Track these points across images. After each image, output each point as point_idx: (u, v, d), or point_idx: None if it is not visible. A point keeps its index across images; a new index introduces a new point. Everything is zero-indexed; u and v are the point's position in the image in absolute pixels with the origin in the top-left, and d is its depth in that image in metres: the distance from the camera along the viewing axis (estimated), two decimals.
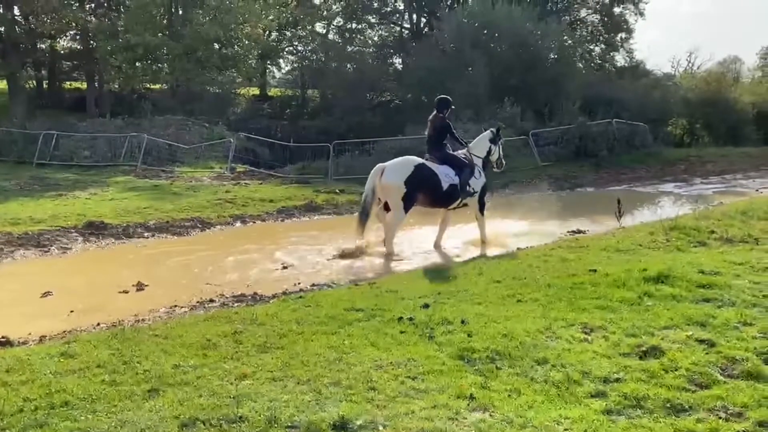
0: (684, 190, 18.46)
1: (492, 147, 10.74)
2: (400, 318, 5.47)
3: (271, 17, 29.58)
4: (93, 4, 28.97)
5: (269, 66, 35.73)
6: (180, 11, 27.79)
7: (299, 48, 35.26)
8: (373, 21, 38.08)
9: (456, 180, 9.84)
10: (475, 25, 28.00)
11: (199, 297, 7.36)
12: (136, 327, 5.77)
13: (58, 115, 26.24)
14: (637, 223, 10.88)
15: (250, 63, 29.68)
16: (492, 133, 10.82)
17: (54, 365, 4.57)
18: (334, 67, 31.92)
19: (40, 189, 15.93)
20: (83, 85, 31.39)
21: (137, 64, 27.54)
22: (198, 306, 7.00)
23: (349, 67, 32.31)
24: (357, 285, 7.34)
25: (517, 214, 12.81)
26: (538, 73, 26.26)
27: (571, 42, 31.14)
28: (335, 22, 37.44)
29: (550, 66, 27.81)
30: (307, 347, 4.83)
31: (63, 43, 30.34)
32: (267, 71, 36.06)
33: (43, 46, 29.67)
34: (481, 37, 27.55)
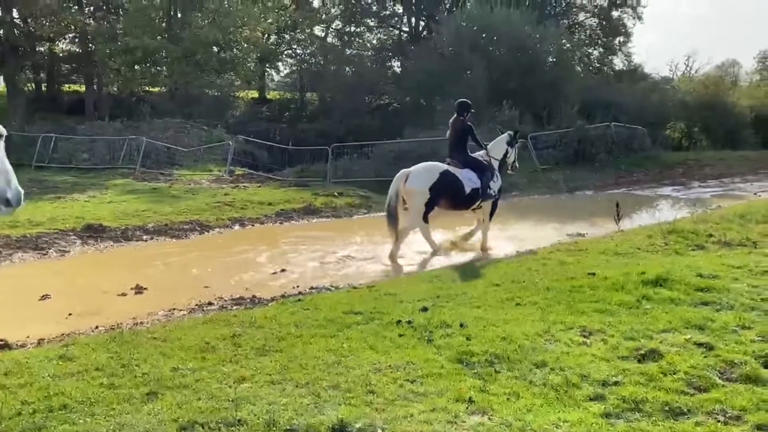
0: (682, 194, 18.49)
1: (509, 150, 10.87)
2: (398, 321, 5.47)
3: (270, 20, 29.64)
4: (92, 7, 29.01)
5: (268, 69, 35.78)
6: (179, 14, 27.84)
7: (298, 51, 35.32)
8: (372, 24, 38.15)
9: (478, 183, 9.99)
10: (473, 28, 28.06)
11: (198, 300, 7.35)
12: (135, 330, 5.77)
13: (56, 118, 26.28)
14: (635, 227, 10.90)
15: (248, 66, 29.71)
16: (509, 136, 10.95)
17: (52, 368, 4.56)
18: (333, 71, 31.97)
19: (39, 192, 15.91)
20: (82, 88, 31.41)
21: (136, 67, 27.55)
22: (196, 309, 6.99)
23: (347, 70, 32.37)
24: (356, 288, 7.34)
25: (515, 217, 12.82)
26: (537, 76, 26.32)
27: (569, 46, 31.24)
28: (334, 26, 37.54)
29: (549, 69, 27.88)
30: (306, 350, 4.83)
31: (62, 46, 30.38)
32: (266, 74, 36.09)
33: (41, 49, 29.69)
34: (480, 40, 27.61)
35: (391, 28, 38.84)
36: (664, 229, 9.46)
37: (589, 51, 37.75)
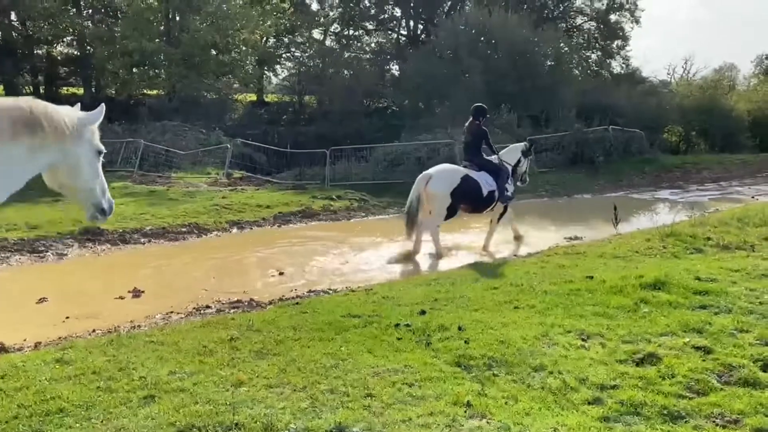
0: (680, 197, 18.51)
1: (522, 159, 11.07)
2: (397, 324, 5.46)
3: (269, 23, 29.65)
4: (90, 10, 29.00)
5: (266, 72, 35.78)
6: (177, 17, 27.83)
7: (296, 54, 35.36)
8: (371, 28, 38.23)
9: (494, 186, 10.24)
10: (471, 32, 28.13)
11: (196, 303, 7.34)
12: (132, 333, 5.75)
13: None
14: (633, 230, 10.91)
15: (247, 69, 29.72)
16: (525, 146, 11.17)
17: (49, 372, 4.55)
18: (331, 74, 32.01)
19: (36, 194, 15.85)
20: (80, 91, 31.35)
21: (134, 70, 27.57)
22: (194, 312, 6.98)
23: (346, 73, 32.42)
24: (354, 291, 7.33)
25: (513, 220, 12.80)
26: (535, 79, 26.38)
27: (567, 49, 31.30)
28: (332, 29, 37.57)
29: (547, 73, 27.95)
30: (304, 354, 4.82)
31: (60, 48, 30.34)
32: (264, 77, 36.10)
33: (39, 51, 29.66)
34: (478, 44, 27.68)
35: (389, 32, 38.91)
36: (662, 233, 9.47)
37: (587, 54, 37.87)
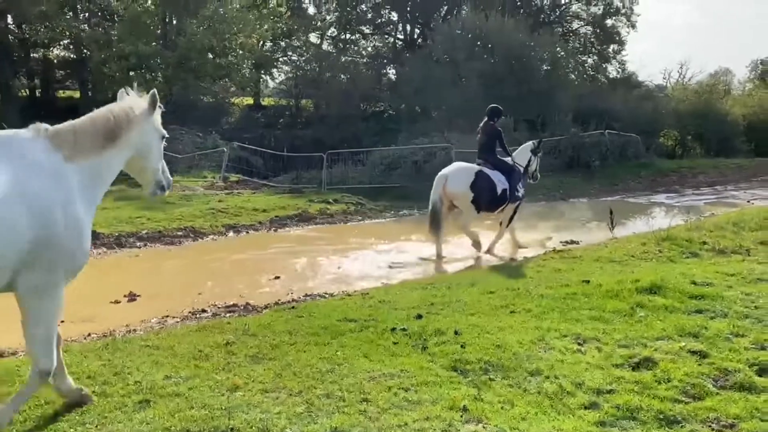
0: (676, 201, 18.56)
1: (532, 157, 11.19)
2: (393, 329, 5.46)
3: (266, 27, 29.65)
4: (86, 14, 28.94)
5: (263, 76, 35.77)
6: (174, 21, 27.82)
7: (293, 58, 35.33)
8: (367, 32, 38.28)
9: (507, 185, 10.40)
10: (468, 36, 28.19)
11: (191, 307, 7.31)
12: (127, 337, 5.73)
13: (51, 123, 26.12)
14: (629, 234, 10.92)
15: (244, 72, 29.69)
16: (534, 144, 11.29)
17: None
18: (328, 77, 32.01)
19: None
20: (77, 94, 31.31)
21: (131, 74, 27.50)
22: (190, 316, 6.96)
23: (343, 77, 32.41)
24: (350, 295, 7.32)
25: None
26: (531, 84, 26.44)
27: (563, 53, 31.38)
28: (329, 33, 37.60)
29: (543, 77, 28.01)
30: (300, 358, 4.81)
31: (56, 51, 30.29)
32: (261, 81, 36.09)
33: (36, 55, 29.61)
34: (475, 48, 27.73)
35: (386, 36, 38.97)
36: (658, 237, 9.50)
37: (583, 59, 37.97)
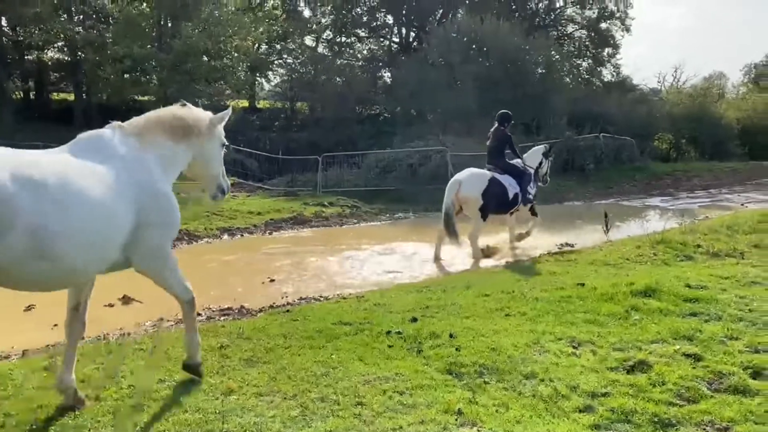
0: (670, 204, 18.62)
1: (543, 160, 11.49)
2: (388, 332, 5.45)
3: (261, 30, 29.66)
4: (81, 16, 28.86)
5: (258, 78, 35.76)
6: (169, 23, 27.80)
7: (289, 61, 35.34)
8: (363, 35, 38.30)
9: (518, 188, 10.64)
10: (463, 39, 28.25)
11: None
12: (122, 341, 5.71)
13: (45, 126, 26.05)
14: (624, 237, 10.96)
15: (239, 75, 29.68)
16: (545, 148, 11.65)
17: (37, 380, 4.51)
18: (324, 80, 32.02)
19: None
20: (71, 96, 31.22)
21: (125, 76, 27.47)
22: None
23: (338, 80, 32.43)
24: (345, 298, 7.31)
25: (505, 227, 12.82)
26: (526, 87, 26.52)
27: (558, 57, 31.49)
28: (325, 36, 37.61)
29: (538, 80, 28.10)
30: (294, 362, 4.80)
31: (50, 54, 30.18)
32: (256, 83, 36.07)
33: (30, 57, 29.52)
34: (470, 51, 27.79)
35: (381, 39, 39.01)
36: (653, 240, 9.53)
37: (578, 62, 38.10)
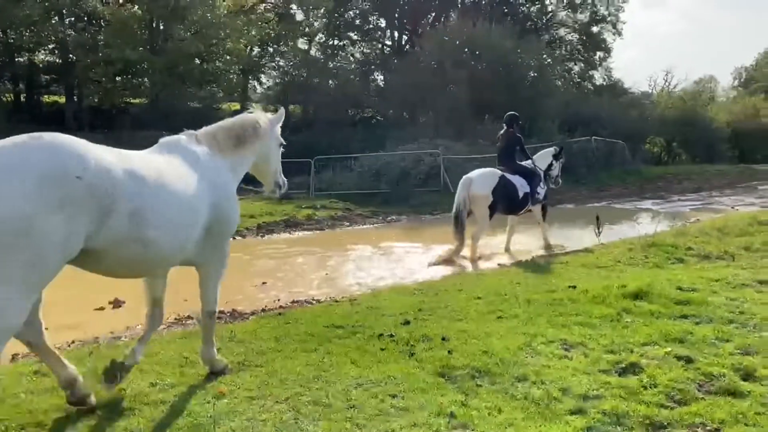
0: (662, 207, 18.71)
1: (554, 162, 11.62)
2: (380, 335, 5.44)
3: (253, 33, 29.62)
4: (72, 18, 28.75)
5: (251, 81, 35.71)
6: (161, 26, 27.72)
7: (281, 63, 35.32)
8: (355, 38, 38.35)
9: (528, 189, 10.74)
10: (456, 42, 28.32)
11: (177, 314, 7.25)
12: (112, 344, 5.68)
13: (35, 128, 25.80)
14: (616, 240, 10.99)
15: (231, 78, 29.64)
16: (555, 150, 11.79)
17: (27, 384, 4.47)
18: (316, 83, 32.02)
19: None
20: (62, 99, 31.06)
21: (117, 79, 27.37)
22: (175, 323, 6.90)
23: (331, 83, 32.44)
24: (337, 302, 7.30)
25: (498, 229, 12.85)
26: (518, 90, 26.60)
27: (550, 60, 31.61)
28: (317, 39, 37.62)
29: (530, 84, 28.20)
30: (286, 365, 4.78)
31: (41, 56, 30.01)
32: (248, 86, 36.03)
33: (21, 59, 29.34)
34: (462, 54, 27.86)
35: (374, 42, 39.06)
36: (645, 243, 9.57)
37: (570, 66, 38.28)
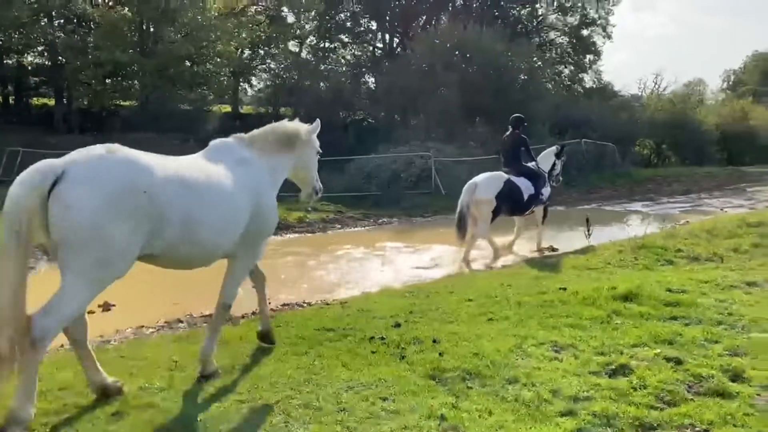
0: (651, 209, 18.81)
1: (556, 162, 11.76)
2: (371, 338, 5.44)
3: (244, 35, 29.55)
4: (62, 20, 28.57)
5: (242, 83, 35.63)
6: (151, 28, 27.60)
7: (272, 66, 35.25)
8: (347, 40, 38.34)
9: (533, 190, 10.85)
10: (446, 45, 28.38)
11: (167, 317, 7.22)
12: (102, 348, 5.63)
13: (25, 131, 25.74)
14: (606, 242, 11.02)
15: (222, 80, 29.55)
16: (557, 149, 11.95)
17: (10, 389, 4.42)
18: (307, 86, 31.97)
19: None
20: (51, 102, 30.87)
21: (107, 81, 27.24)
22: (165, 326, 6.87)
23: (322, 85, 32.40)
24: (328, 304, 7.29)
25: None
26: (509, 93, 26.66)
27: (540, 63, 31.72)
28: (308, 41, 37.58)
29: (520, 87, 28.27)
30: (277, 368, 4.76)
31: (30, 58, 29.82)
32: (239, 89, 35.94)
33: (9, 61, 29.14)
34: (453, 57, 27.92)
35: (365, 45, 39.07)
36: (634, 244, 9.61)
37: (560, 69, 38.44)
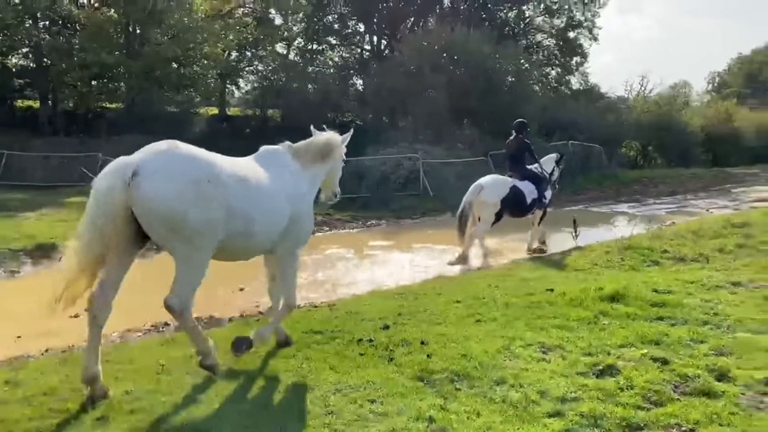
0: (638, 210, 18.92)
1: (555, 168, 11.94)
2: (359, 340, 5.43)
3: (231, 37, 29.45)
4: (47, 22, 28.33)
5: (229, 86, 35.49)
6: (137, 30, 27.45)
7: (260, 68, 35.16)
8: (334, 42, 38.32)
9: (536, 194, 11.03)
10: (434, 48, 28.43)
11: (154, 320, 7.17)
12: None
13: (9, 133, 25.49)
14: (593, 243, 11.08)
15: (209, 82, 29.42)
16: (558, 155, 12.16)
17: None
18: (295, 87, 31.90)
19: None
20: (36, 103, 30.59)
21: (93, 83, 27.05)
22: (152, 330, 6.83)
23: (310, 87, 32.35)
24: (316, 307, 7.27)
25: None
26: (496, 95, 26.75)
27: (527, 65, 31.85)
28: (296, 43, 37.52)
29: (508, 89, 28.37)
30: (265, 371, 4.74)
31: (15, 60, 29.55)
32: (226, 91, 35.80)
33: None
34: (441, 59, 27.97)
35: (353, 47, 39.07)
36: (621, 245, 9.67)
37: (547, 71, 38.63)
